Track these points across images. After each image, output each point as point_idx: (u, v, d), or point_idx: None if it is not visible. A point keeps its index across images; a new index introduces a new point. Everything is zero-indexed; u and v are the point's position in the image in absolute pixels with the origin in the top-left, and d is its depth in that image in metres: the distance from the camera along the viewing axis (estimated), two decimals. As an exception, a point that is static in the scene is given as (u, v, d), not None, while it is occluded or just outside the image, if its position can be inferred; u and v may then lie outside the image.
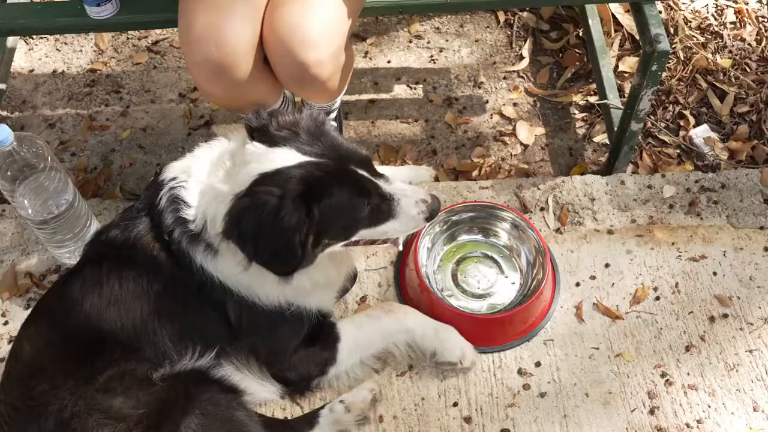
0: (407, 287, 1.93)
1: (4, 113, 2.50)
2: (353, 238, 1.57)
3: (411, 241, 1.91)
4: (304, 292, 1.63)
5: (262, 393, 1.71)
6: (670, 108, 2.44)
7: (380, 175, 1.56)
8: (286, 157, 1.46)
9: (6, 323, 1.94)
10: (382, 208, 1.54)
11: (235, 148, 1.56)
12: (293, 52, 1.66)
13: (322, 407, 1.73)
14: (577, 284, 1.97)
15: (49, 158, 1.81)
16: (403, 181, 1.63)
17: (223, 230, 1.46)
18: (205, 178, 1.55)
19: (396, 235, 1.63)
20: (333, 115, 2.14)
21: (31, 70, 2.62)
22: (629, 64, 2.51)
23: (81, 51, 2.66)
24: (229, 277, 1.57)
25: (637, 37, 2.53)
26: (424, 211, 1.57)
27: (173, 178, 1.57)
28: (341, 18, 1.73)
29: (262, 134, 1.51)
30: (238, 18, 1.67)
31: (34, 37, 2.67)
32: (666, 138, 2.38)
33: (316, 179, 1.45)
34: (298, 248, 1.45)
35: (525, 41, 2.63)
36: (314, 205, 1.44)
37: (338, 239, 1.55)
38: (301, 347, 1.70)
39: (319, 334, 1.73)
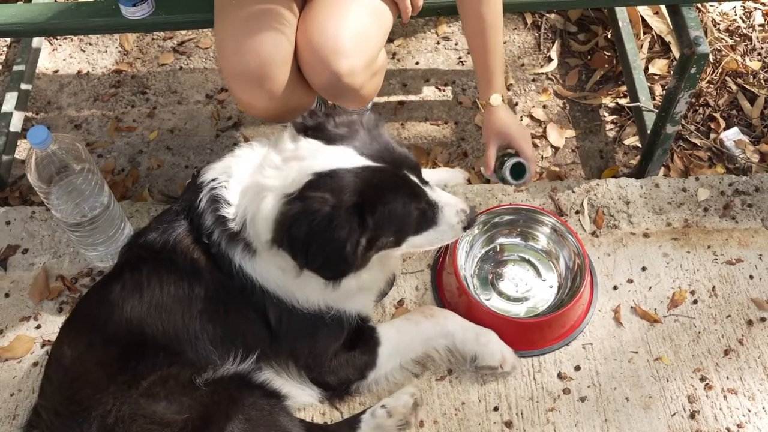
0: (445, 290, 1.92)
1: (30, 114, 2.48)
2: (402, 246, 1.56)
3: (449, 244, 1.89)
4: (347, 295, 1.61)
5: (301, 397, 1.70)
6: (701, 111, 2.44)
7: (426, 182, 1.55)
8: (343, 156, 1.44)
9: (38, 327, 1.92)
10: (428, 215, 1.54)
11: (283, 146, 1.53)
12: (326, 61, 1.66)
13: (363, 412, 1.71)
14: (615, 288, 1.96)
15: (86, 160, 1.79)
16: (438, 185, 1.63)
17: (273, 237, 1.44)
18: (248, 177, 1.52)
19: (436, 245, 1.61)
20: (365, 118, 2.13)
21: (56, 71, 2.60)
22: (659, 66, 2.50)
23: (106, 51, 2.64)
24: (268, 279, 1.55)
25: (667, 39, 2.53)
26: (463, 221, 1.58)
27: (213, 179, 1.55)
28: (374, 27, 1.73)
29: (317, 132, 1.49)
30: (274, 29, 1.66)
31: (59, 37, 2.65)
32: (697, 141, 2.38)
33: (373, 188, 1.43)
34: (350, 256, 1.43)
35: (553, 43, 2.62)
36: (368, 216, 1.43)
37: (389, 246, 1.54)
38: (341, 351, 1.69)
39: (359, 338, 1.71)
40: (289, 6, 1.70)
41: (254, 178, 1.51)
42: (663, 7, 2.50)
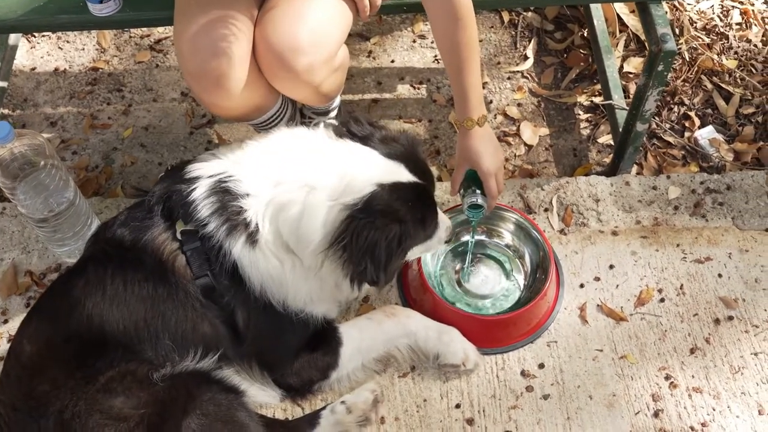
0: (410, 288, 1.92)
1: (6, 111, 2.49)
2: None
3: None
4: (332, 294, 1.66)
5: (262, 397, 1.70)
6: (675, 109, 2.43)
7: None
8: (399, 171, 1.52)
9: (6, 321, 1.93)
10: (434, 229, 1.65)
11: (321, 144, 1.54)
12: (283, 59, 1.66)
13: (324, 408, 1.71)
14: (581, 285, 1.96)
15: (50, 156, 1.80)
16: None
17: (329, 243, 1.47)
18: (276, 171, 1.51)
19: (422, 254, 1.75)
20: (333, 115, 2.13)
21: (33, 68, 2.61)
22: (634, 64, 2.49)
23: (83, 49, 2.65)
24: (263, 272, 1.53)
25: (642, 37, 2.52)
26: (448, 236, 1.71)
27: (218, 173, 1.53)
28: (332, 25, 1.73)
29: (364, 141, 1.55)
30: (232, 28, 1.66)
31: (36, 35, 2.67)
32: (671, 139, 2.37)
33: (426, 205, 1.57)
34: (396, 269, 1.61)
35: (529, 41, 2.62)
36: (421, 232, 1.59)
37: None
38: (304, 353, 1.69)
39: (322, 338, 1.71)
40: (247, 6, 1.70)
41: (291, 173, 1.50)
42: (639, 5, 2.49)
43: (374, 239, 1.45)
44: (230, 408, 1.58)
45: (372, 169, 1.49)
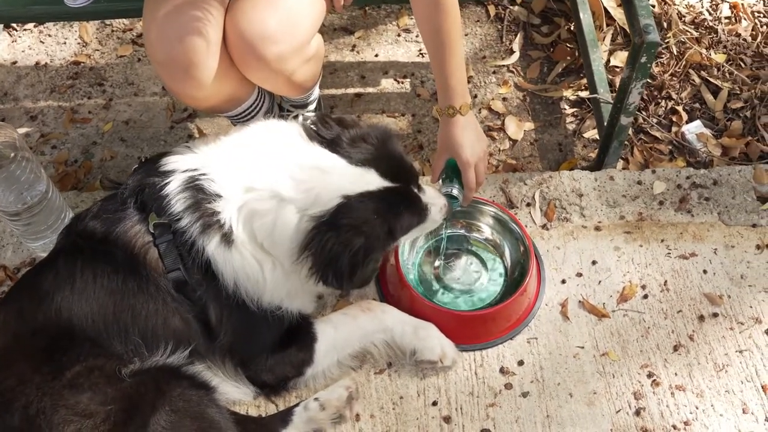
0: (388, 283, 1.89)
1: (-15, 105, 2.47)
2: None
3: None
4: (311, 292, 1.67)
5: (235, 394, 1.67)
6: (663, 103, 2.39)
7: (421, 187, 1.62)
8: (367, 178, 1.49)
9: (-21, 317, 1.90)
10: (421, 218, 1.62)
11: (298, 147, 1.51)
12: (253, 47, 1.63)
13: (297, 405, 1.68)
14: (563, 281, 1.92)
15: (21, 148, 1.77)
16: None
17: (297, 255, 1.47)
18: (248, 174, 1.49)
19: (417, 235, 1.76)
20: (311, 107, 2.11)
21: (14, 62, 2.58)
22: (621, 58, 2.46)
23: (65, 43, 2.63)
24: (239, 268, 1.51)
25: (630, 31, 2.49)
26: (443, 214, 1.68)
27: (192, 169, 1.51)
28: (304, 13, 1.70)
29: (333, 146, 1.50)
30: (200, 15, 1.63)
31: (18, 28, 2.64)
32: (658, 134, 2.33)
33: (397, 213, 1.53)
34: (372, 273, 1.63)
35: (515, 35, 2.58)
36: (392, 240, 1.57)
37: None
38: (278, 349, 1.66)
39: (296, 334, 1.68)
40: None
41: (262, 178, 1.48)
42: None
43: (336, 252, 1.45)
44: (200, 404, 1.55)
45: (339, 180, 1.47)
